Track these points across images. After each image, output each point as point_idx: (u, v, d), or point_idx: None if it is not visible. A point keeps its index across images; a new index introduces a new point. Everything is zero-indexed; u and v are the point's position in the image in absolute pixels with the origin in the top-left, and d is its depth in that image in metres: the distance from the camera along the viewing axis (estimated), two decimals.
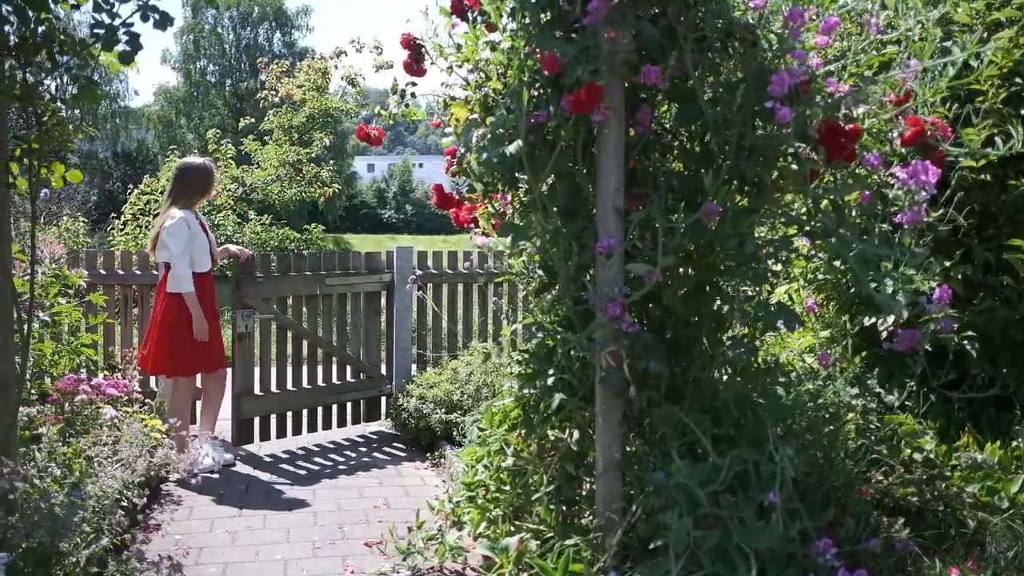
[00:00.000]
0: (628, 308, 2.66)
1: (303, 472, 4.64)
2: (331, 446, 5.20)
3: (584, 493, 2.99)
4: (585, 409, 2.91)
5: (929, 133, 2.46)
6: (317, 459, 4.92)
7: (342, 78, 8.73)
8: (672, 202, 2.75)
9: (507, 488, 3.13)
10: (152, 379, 5.41)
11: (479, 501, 3.25)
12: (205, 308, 4.56)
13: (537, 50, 2.69)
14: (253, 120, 10.20)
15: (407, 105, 3.16)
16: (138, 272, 5.40)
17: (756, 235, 2.77)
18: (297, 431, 5.38)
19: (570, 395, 2.88)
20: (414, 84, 3.24)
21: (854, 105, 2.46)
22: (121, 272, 5.39)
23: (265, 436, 5.25)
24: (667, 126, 2.97)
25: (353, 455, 5.00)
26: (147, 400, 4.80)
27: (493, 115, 2.93)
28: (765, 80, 2.34)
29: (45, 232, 11.30)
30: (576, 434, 2.94)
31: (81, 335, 5.00)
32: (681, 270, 2.90)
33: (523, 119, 2.66)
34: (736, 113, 2.46)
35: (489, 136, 2.83)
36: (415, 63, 3.19)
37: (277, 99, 9.31)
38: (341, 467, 4.76)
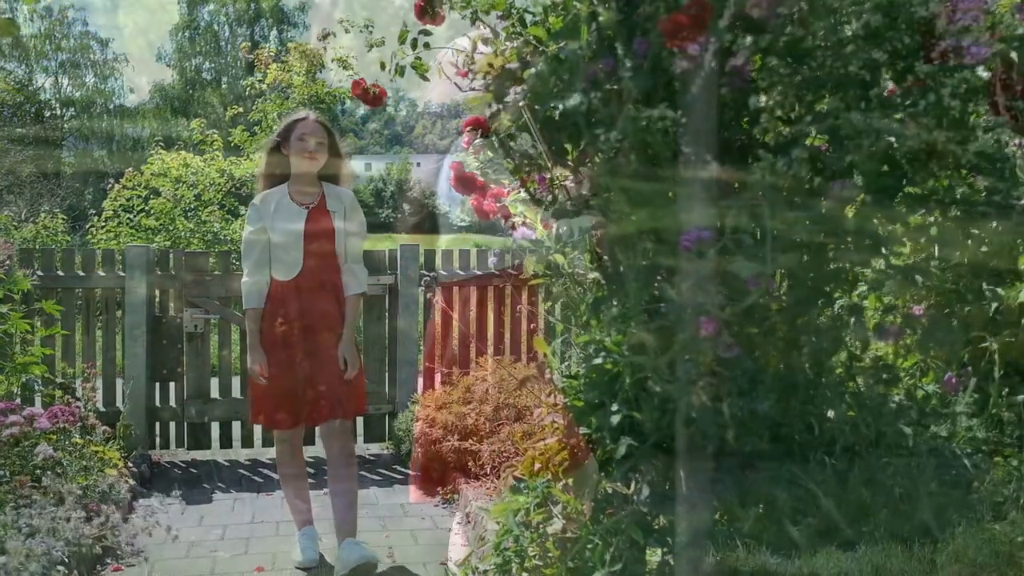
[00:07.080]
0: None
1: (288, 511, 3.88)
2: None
3: (655, 567, 2.26)
4: (658, 458, 2.19)
5: None
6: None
7: (332, 59, 8.01)
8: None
9: (552, 556, 2.40)
10: (119, 399, 4.68)
11: (514, 570, 2.52)
12: None
13: None
14: (241, 110, 9.44)
15: (419, 58, 2.44)
16: (102, 274, 4.67)
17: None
18: (269, 442, 4.63)
19: (639, 439, 2.16)
20: (428, 33, 2.53)
21: None
22: (82, 273, 4.66)
23: (226, 444, 4.93)
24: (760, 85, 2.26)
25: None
26: (107, 426, 4.07)
27: (532, 68, 2.22)
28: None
29: (21, 230, 10.59)
30: (646, 491, 2.22)
31: (33, 348, 4.29)
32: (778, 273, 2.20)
33: (581, 67, 1.95)
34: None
35: (531, 93, 2.12)
36: (429, 7, 2.49)
37: (264, 85, 8.62)
38: None
